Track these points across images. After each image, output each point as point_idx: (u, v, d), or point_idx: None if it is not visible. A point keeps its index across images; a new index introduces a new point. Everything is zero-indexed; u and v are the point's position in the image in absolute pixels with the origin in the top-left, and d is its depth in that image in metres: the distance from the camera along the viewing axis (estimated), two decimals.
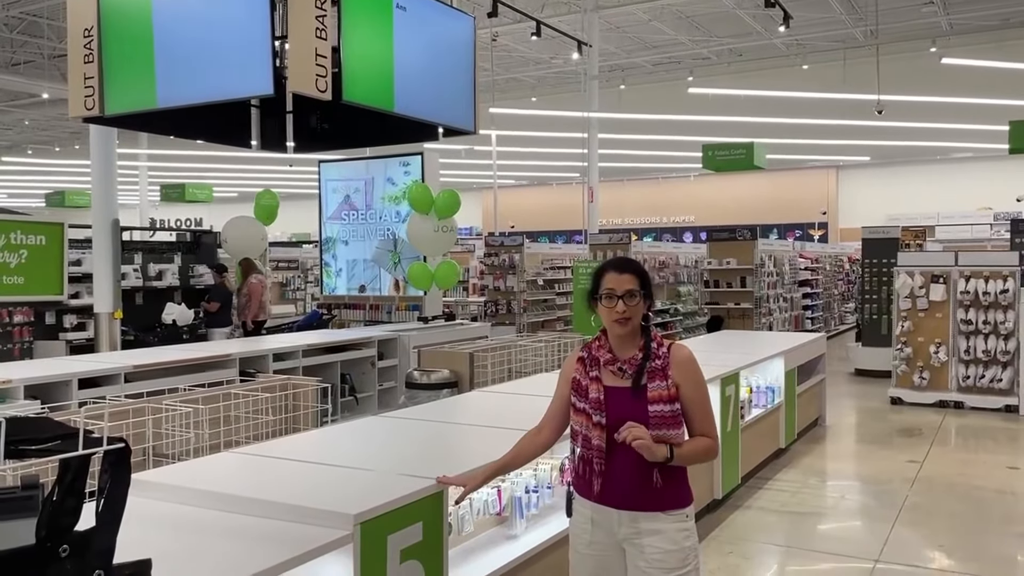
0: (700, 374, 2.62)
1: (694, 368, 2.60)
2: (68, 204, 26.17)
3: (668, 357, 2.56)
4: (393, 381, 8.28)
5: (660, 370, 2.53)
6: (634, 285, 2.55)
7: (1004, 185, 23.50)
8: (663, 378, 2.53)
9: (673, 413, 2.51)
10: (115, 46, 4.80)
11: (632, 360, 2.56)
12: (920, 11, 19.22)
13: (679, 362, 2.57)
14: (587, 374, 2.61)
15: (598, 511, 2.57)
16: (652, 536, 2.50)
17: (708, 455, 2.60)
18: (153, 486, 2.89)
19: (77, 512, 1.54)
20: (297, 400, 4.88)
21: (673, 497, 2.54)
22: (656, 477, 2.49)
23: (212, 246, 11.85)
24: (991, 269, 9.55)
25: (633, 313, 2.55)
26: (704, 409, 2.60)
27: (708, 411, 2.61)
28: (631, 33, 21.18)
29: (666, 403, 2.50)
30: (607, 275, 2.59)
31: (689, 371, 2.58)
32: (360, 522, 2.50)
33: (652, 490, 2.50)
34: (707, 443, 2.57)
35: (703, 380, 2.63)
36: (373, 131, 5.83)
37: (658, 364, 2.54)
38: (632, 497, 2.52)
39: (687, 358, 2.59)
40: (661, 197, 30.94)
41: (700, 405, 2.59)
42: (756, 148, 15.84)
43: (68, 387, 5.45)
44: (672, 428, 2.50)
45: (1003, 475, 6.87)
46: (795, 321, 16.11)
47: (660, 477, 2.50)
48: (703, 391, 2.61)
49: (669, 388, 2.52)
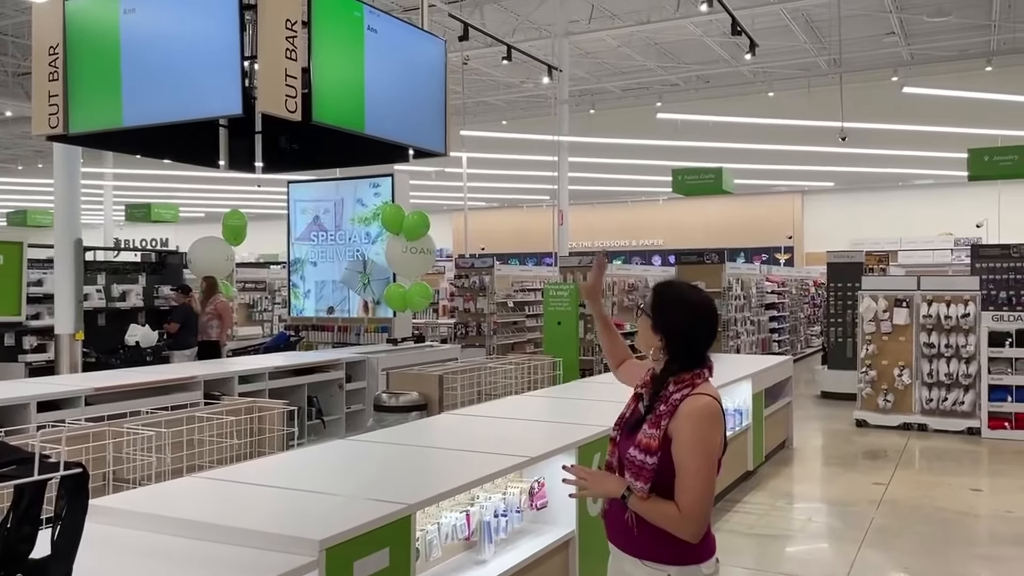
0: (698, 434, 2.21)
1: (690, 425, 2.22)
2: (30, 223, 25.71)
3: (676, 405, 2.24)
4: (361, 404, 8.20)
5: (659, 417, 2.25)
6: (645, 299, 2.39)
7: (964, 211, 24.03)
8: (655, 425, 2.24)
9: (642, 463, 2.21)
10: (81, 64, 4.74)
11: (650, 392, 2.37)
12: (882, 41, 19.69)
13: (680, 415, 2.23)
14: (639, 388, 2.44)
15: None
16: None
17: (670, 526, 2.21)
18: (113, 512, 2.81)
19: (32, 540, 1.49)
20: (263, 423, 4.81)
21: (654, 549, 2.27)
22: (629, 518, 2.27)
23: (178, 266, 11.70)
24: (952, 293, 9.73)
25: (638, 329, 2.40)
26: (684, 474, 2.20)
27: (688, 479, 2.20)
28: (601, 59, 21.42)
29: (642, 451, 2.22)
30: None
31: (683, 428, 2.22)
32: (326, 548, 2.46)
33: (630, 533, 2.28)
34: (671, 512, 2.20)
35: (699, 442, 2.21)
36: (343, 152, 5.80)
37: (662, 409, 2.25)
38: (616, 533, 2.37)
39: (689, 414, 2.22)
40: (630, 220, 31.19)
41: (681, 468, 2.20)
42: (724, 173, 16.04)
43: (26, 410, 5.31)
44: (636, 477, 2.22)
45: (966, 497, 6.95)
46: (762, 344, 16.26)
47: (635, 521, 2.26)
48: (691, 455, 2.20)
49: (653, 439, 2.22)
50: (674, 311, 2.31)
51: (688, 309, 2.32)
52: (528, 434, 4.45)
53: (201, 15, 4.38)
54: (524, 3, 17.73)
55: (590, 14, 18.16)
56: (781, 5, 16.99)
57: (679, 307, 2.32)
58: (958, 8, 17.37)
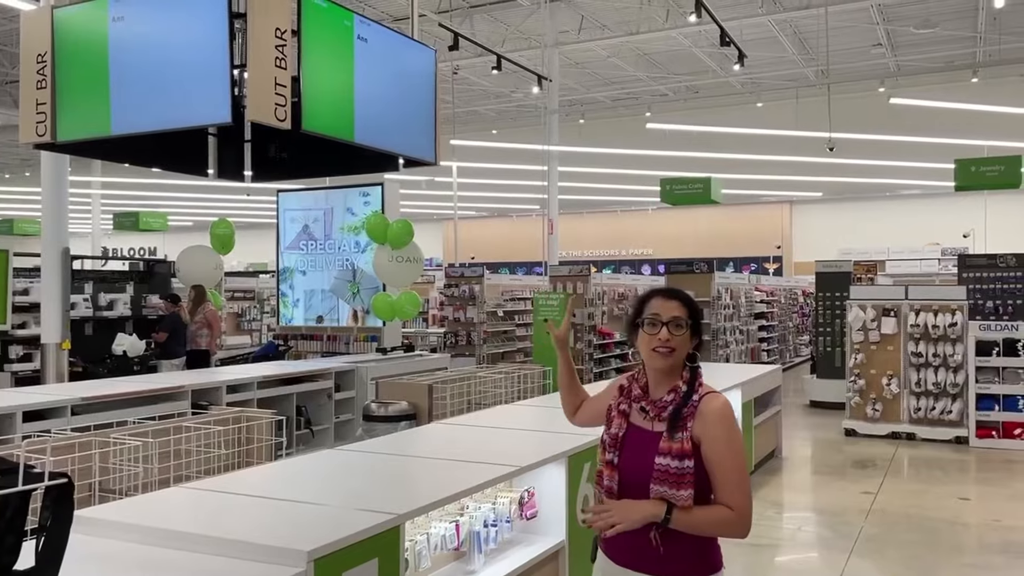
0: (731, 431, 2.22)
1: (722, 424, 2.21)
2: (17, 232, 25.60)
3: (696, 406, 2.22)
4: (350, 413, 8.17)
5: (682, 419, 2.21)
6: (682, 313, 2.26)
7: (951, 221, 24.20)
8: (684, 428, 2.19)
9: (680, 471, 2.14)
10: (69, 72, 4.72)
11: (660, 402, 2.26)
12: (869, 52, 19.86)
13: (704, 414, 2.21)
14: (618, 405, 2.35)
15: (606, 562, 2.30)
16: None
17: (727, 529, 2.18)
18: (99, 523, 2.79)
19: (16, 551, 1.48)
20: (251, 433, 4.77)
21: (686, 563, 2.20)
22: (655, 538, 2.16)
23: (166, 275, 11.65)
24: (940, 303, 9.78)
25: (677, 344, 2.25)
26: (728, 474, 2.18)
27: (734, 477, 2.19)
28: (590, 69, 21.51)
29: (675, 457, 2.15)
30: (653, 300, 2.32)
31: (715, 426, 2.20)
32: (314, 559, 2.44)
33: (655, 552, 2.18)
34: (726, 515, 2.16)
35: (734, 439, 2.22)
36: (333, 161, 5.80)
37: (684, 412, 2.22)
38: (633, 555, 2.22)
39: (716, 411, 2.22)
40: (620, 230, 31.27)
41: (722, 468, 2.18)
42: (713, 183, 16.12)
43: (12, 420, 5.27)
44: (677, 487, 2.14)
45: (955, 506, 6.98)
46: (751, 353, 16.30)
47: (660, 539, 2.16)
48: (731, 453, 2.20)
49: (683, 441, 2.17)
50: (701, 315, 2.38)
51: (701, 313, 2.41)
52: (518, 444, 4.44)
53: (190, 23, 4.37)
54: (514, 13, 17.80)
55: (580, 25, 18.25)
56: (769, 16, 17.13)
57: (700, 313, 2.39)
58: (944, 20, 17.55)
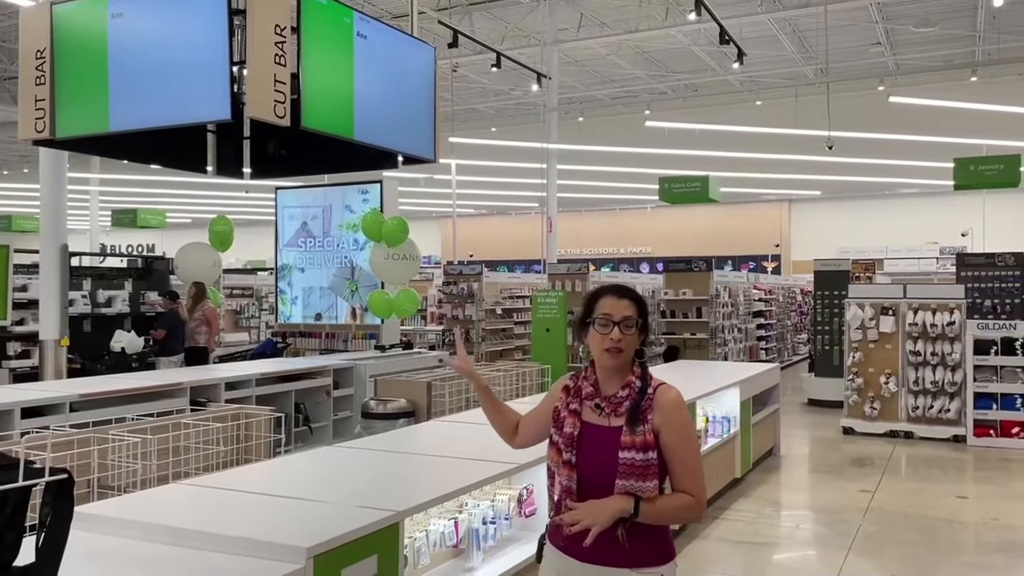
0: (686, 421, 2.32)
1: (679, 414, 2.31)
2: (15, 228, 25.53)
3: (652, 398, 2.30)
4: (349, 411, 8.17)
5: (643, 412, 2.27)
6: (632, 312, 2.31)
7: (950, 220, 24.22)
8: (642, 422, 2.26)
9: (646, 462, 2.21)
10: (68, 68, 4.71)
11: (615, 398, 2.31)
12: (868, 51, 19.86)
13: (662, 405, 2.29)
14: (567, 405, 2.37)
15: (563, 561, 2.32)
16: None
17: (687, 513, 2.31)
18: (98, 519, 2.79)
19: (16, 547, 1.48)
20: (249, 430, 4.77)
21: (648, 553, 2.28)
22: (621, 534, 2.22)
23: (164, 272, 11.64)
24: (938, 302, 9.79)
25: (627, 344, 2.31)
26: (687, 462, 2.29)
27: (692, 464, 2.30)
28: (589, 67, 21.50)
29: (639, 450, 2.22)
30: (603, 299, 2.35)
31: (672, 417, 2.28)
32: (314, 555, 2.45)
33: (621, 546, 2.24)
34: (686, 501, 2.27)
35: (690, 428, 2.34)
36: (332, 158, 5.79)
37: (643, 405, 2.29)
38: (599, 550, 2.24)
39: (672, 402, 2.31)
40: (618, 228, 31.27)
41: (682, 456, 2.28)
42: (711, 181, 16.11)
43: (10, 416, 5.26)
44: (642, 479, 2.21)
45: (952, 504, 6.99)
46: (750, 351, 16.31)
47: (627, 534, 2.22)
48: (689, 441, 2.31)
49: (646, 434, 2.23)
50: (648, 314, 2.42)
51: None
52: None
53: (189, 20, 4.36)
54: (513, 11, 17.78)
55: (579, 22, 18.23)
56: (769, 15, 17.13)
57: (647, 306, 2.44)
58: (943, 19, 17.55)
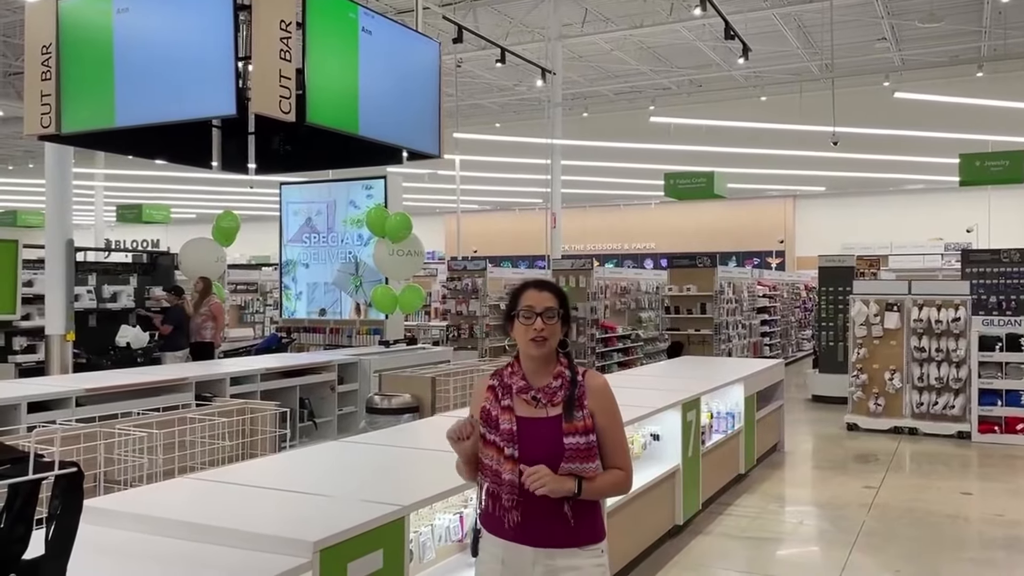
0: (615, 403, 2.49)
1: (609, 397, 2.47)
2: (20, 224, 25.58)
3: (583, 385, 2.44)
4: (353, 406, 8.18)
5: (580, 398, 2.41)
6: (553, 303, 2.43)
7: (955, 216, 24.16)
8: (579, 407, 2.40)
9: (588, 445, 2.37)
10: (74, 64, 4.72)
11: (547, 389, 2.43)
12: (874, 47, 19.78)
13: (594, 390, 2.44)
14: (498, 403, 2.45)
15: (510, 550, 2.41)
16: (568, 572, 2.38)
17: (620, 488, 2.48)
18: (104, 513, 2.80)
19: (26, 540, 1.49)
20: (255, 425, 4.79)
21: (589, 532, 2.43)
22: (568, 511, 2.37)
23: (169, 268, 11.65)
24: (943, 298, 9.77)
25: (550, 334, 2.42)
26: (618, 440, 2.47)
27: (622, 441, 2.49)
28: (594, 62, 21.46)
29: (581, 435, 2.37)
30: (526, 293, 2.47)
31: (604, 400, 2.45)
32: (320, 549, 2.46)
33: (567, 526, 2.38)
34: (619, 476, 2.45)
35: (617, 409, 2.50)
36: (337, 153, 5.80)
37: (577, 392, 2.43)
38: (548, 534, 2.38)
39: (602, 386, 2.47)
40: (622, 224, 31.24)
41: (614, 435, 2.46)
42: (716, 177, 16.08)
43: (16, 411, 5.28)
44: (586, 461, 2.36)
45: (957, 500, 6.98)
46: (754, 348, 16.30)
47: (572, 512, 2.37)
48: (618, 420, 2.49)
49: (585, 419, 2.39)
50: (568, 306, 2.53)
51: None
52: None
53: (195, 15, 4.38)
54: (517, 6, 17.75)
55: (583, 18, 18.20)
56: (774, 10, 17.07)
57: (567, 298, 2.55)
58: (949, 14, 17.47)
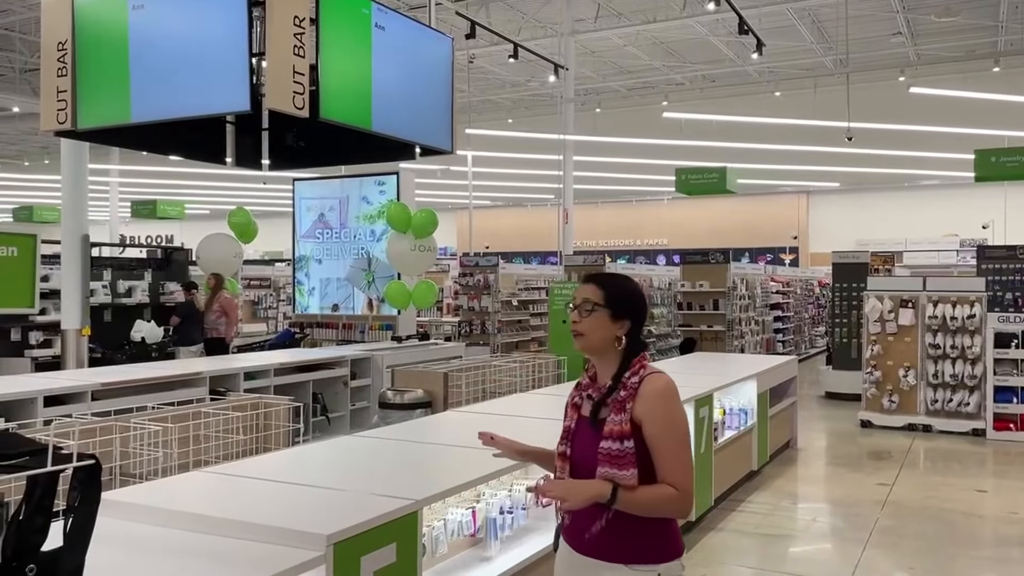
0: (670, 411, 2.23)
1: (662, 404, 2.22)
2: (36, 219, 25.76)
3: (636, 388, 2.23)
4: (366, 401, 8.21)
5: (621, 401, 2.22)
6: (592, 295, 2.30)
7: (970, 212, 23.96)
8: (620, 411, 2.20)
9: (622, 451, 2.16)
10: (89, 60, 4.75)
11: (601, 389, 2.29)
12: (889, 42, 19.64)
13: (645, 395, 2.21)
14: (572, 400, 2.40)
15: (567, 552, 2.32)
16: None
17: (669, 506, 2.19)
18: (120, 506, 2.82)
19: (45, 531, 1.50)
20: (268, 419, 4.82)
21: (644, 550, 2.21)
22: (603, 522, 2.19)
23: (183, 263, 11.72)
24: (958, 294, 9.71)
25: (587, 328, 2.29)
26: (669, 452, 2.19)
27: (675, 456, 2.20)
28: (606, 58, 21.40)
29: (615, 439, 2.17)
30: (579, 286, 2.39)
31: (654, 406, 2.20)
32: (333, 543, 2.47)
33: (608, 537, 2.20)
34: (667, 492, 2.16)
35: (674, 418, 2.24)
36: (350, 149, 5.82)
37: (622, 395, 2.23)
38: (591, 541, 2.23)
39: (655, 391, 2.22)
40: (635, 220, 31.17)
41: (664, 447, 2.19)
42: (729, 173, 16.02)
43: (33, 405, 5.34)
44: (620, 468, 2.15)
45: (971, 498, 6.94)
46: (767, 344, 16.24)
47: (610, 523, 2.19)
48: (671, 431, 2.22)
49: (623, 423, 2.18)
50: (632, 300, 2.35)
51: (640, 297, 2.39)
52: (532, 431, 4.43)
53: (209, 11, 4.39)
54: (530, 2, 17.72)
55: (596, 13, 18.15)
56: (788, 4, 16.96)
57: (635, 296, 2.37)
58: (965, 8, 17.32)
